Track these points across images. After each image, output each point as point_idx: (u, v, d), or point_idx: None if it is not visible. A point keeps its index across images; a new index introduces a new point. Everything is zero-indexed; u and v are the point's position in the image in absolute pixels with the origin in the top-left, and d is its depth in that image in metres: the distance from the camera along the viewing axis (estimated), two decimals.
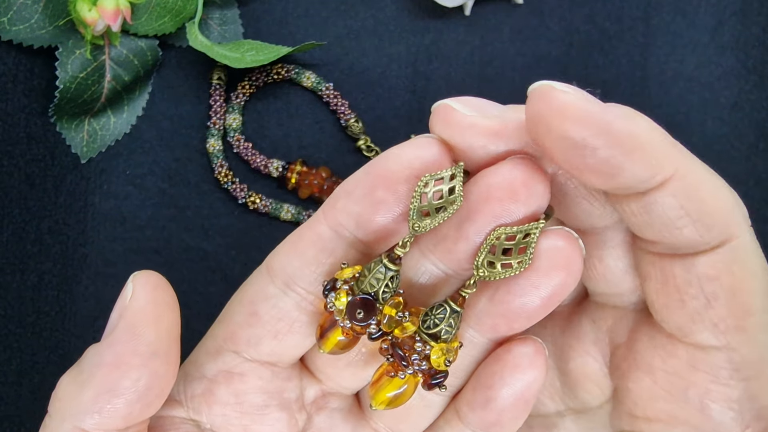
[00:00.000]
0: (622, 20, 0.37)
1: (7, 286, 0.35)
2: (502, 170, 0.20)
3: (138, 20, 0.35)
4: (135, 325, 0.21)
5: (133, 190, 0.36)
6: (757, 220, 0.37)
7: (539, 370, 0.21)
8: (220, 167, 0.36)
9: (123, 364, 0.20)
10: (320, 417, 0.23)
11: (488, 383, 0.21)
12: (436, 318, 0.20)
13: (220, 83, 0.36)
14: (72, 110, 0.35)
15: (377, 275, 0.20)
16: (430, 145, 0.20)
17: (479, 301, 0.21)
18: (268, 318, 0.22)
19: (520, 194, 0.19)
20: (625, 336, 0.22)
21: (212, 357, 0.23)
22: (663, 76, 0.37)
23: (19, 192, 0.35)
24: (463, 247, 0.20)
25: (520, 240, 0.19)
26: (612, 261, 0.22)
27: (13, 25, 0.34)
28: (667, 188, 0.19)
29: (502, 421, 0.21)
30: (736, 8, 0.37)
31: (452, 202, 0.19)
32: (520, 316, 0.20)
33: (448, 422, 0.23)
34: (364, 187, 0.20)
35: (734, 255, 0.20)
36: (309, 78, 0.36)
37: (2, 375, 0.35)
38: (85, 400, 0.20)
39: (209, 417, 0.22)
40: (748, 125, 0.37)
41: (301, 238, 0.21)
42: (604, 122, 0.18)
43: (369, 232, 0.20)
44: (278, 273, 0.22)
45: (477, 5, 0.37)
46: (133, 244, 0.35)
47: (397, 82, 0.37)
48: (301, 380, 0.23)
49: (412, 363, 0.20)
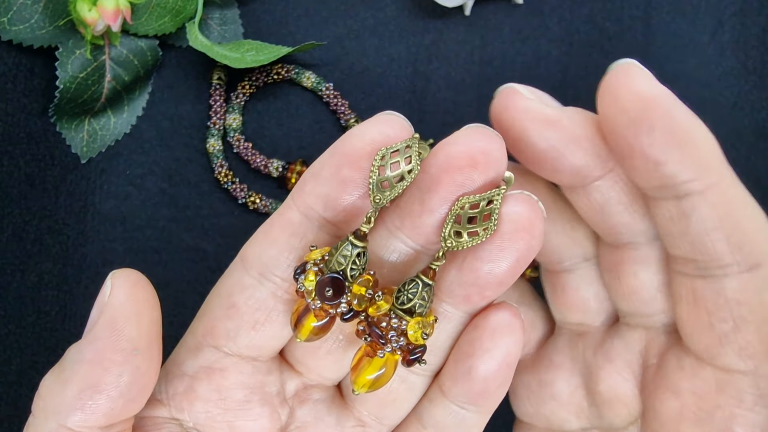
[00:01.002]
0: (622, 20, 0.37)
1: (7, 286, 0.35)
2: (459, 139, 0.20)
3: (138, 20, 0.35)
4: (115, 321, 0.21)
5: (133, 190, 0.36)
6: None
7: (517, 335, 0.21)
8: (220, 167, 0.36)
9: (104, 360, 0.20)
10: (303, 410, 0.23)
11: (469, 352, 0.21)
12: (408, 293, 0.20)
13: (220, 83, 0.36)
14: (72, 110, 0.35)
15: (344, 253, 0.20)
16: (393, 121, 0.20)
17: (449, 273, 0.21)
18: (245, 309, 0.22)
19: (479, 162, 0.20)
20: (656, 357, 0.22)
21: (192, 354, 0.23)
22: (663, 76, 0.37)
23: (19, 192, 0.35)
24: (428, 220, 0.20)
25: (484, 207, 0.20)
26: (647, 277, 0.22)
27: (13, 25, 0.34)
28: (707, 197, 0.19)
29: (488, 389, 0.21)
30: (736, 8, 0.37)
31: (409, 171, 0.20)
32: (490, 283, 0.20)
33: (432, 401, 0.23)
34: (330, 168, 0.20)
35: (764, 282, 0.20)
36: (309, 78, 0.36)
37: (2, 375, 0.35)
38: (67, 397, 0.20)
39: (192, 415, 0.22)
40: (748, 125, 0.37)
41: (272, 226, 0.22)
42: (669, 108, 0.19)
43: (338, 212, 0.21)
44: (253, 263, 0.22)
45: (477, 5, 0.37)
46: (133, 244, 0.35)
47: (397, 82, 0.37)
48: (281, 374, 0.23)
49: (390, 340, 0.20)
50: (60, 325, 0.35)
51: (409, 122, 0.21)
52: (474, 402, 0.22)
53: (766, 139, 0.37)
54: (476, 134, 0.20)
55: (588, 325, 0.24)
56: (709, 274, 0.20)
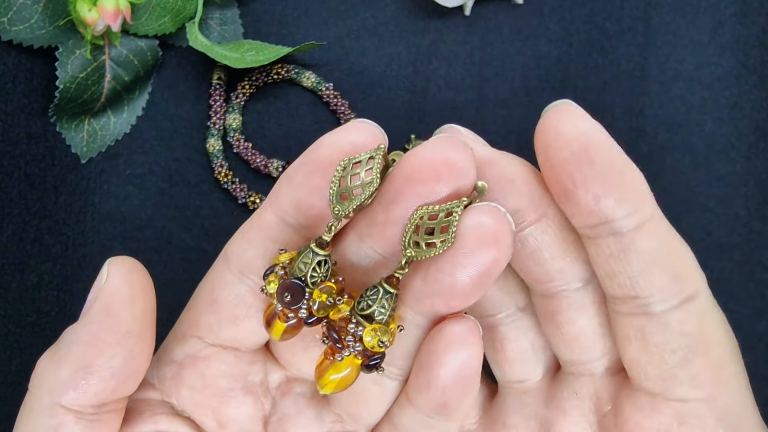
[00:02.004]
0: (622, 20, 0.37)
1: (7, 286, 0.35)
2: (424, 151, 0.20)
3: (138, 20, 0.35)
4: (110, 305, 0.21)
5: (133, 190, 0.36)
6: (757, 219, 0.37)
7: (474, 347, 0.21)
8: (220, 167, 0.36)
9: (98, 342, 0.21)
10: (285, 402, 0.24)
11: (426, 365, 0.21)
12: (369, 299, 0.20)
13: (220, 83, 0.36)
14: (72, 110, 0.35)
15: (304, 260, 0.20)
16: (363, 130, 0.20)
17: (415, 282, 0.21)
18: (226, 304, 0.22)
19: (442, 174, 0.19)
20: (609, 403, 0.23)
21: (179, 342, 0.23)
22: (663, 76, 0.37)
23: (19, 192, 0.35)
24: (392, 230, 0.20)
25: (442, 219, 0.19)
26: (585, 322, 0.22)
27: (13, 25, 0.34)
28: (644, 231, 0.20)
29: (448, 402, 0.21)
30: (736, 8, 0.37)
31: (369, 184, 0.20)
32: (454, 295, 0.20)
33: (401, 408, 0.23)
34: (301, 175, 0.21)
35: (703, 311, 0.20)
36: (309, 78, 0.36)
37: (2, 375, 0.35)
38: (62, 377, 0.21)
39: (179, 399, 0.23)
40: (748, 125, 0.37)
41: (251, 226, 0.22)
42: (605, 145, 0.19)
43: (309, 217, 0.21)
44: (233, 261, 0.22)
45: (477, 5, 0.37)
46: (133, 244, 0.35)
47: (397, 82, 0.37)
48: (265, 365, 0.24)
49: (347, 345, 0.20)
50: (60, 325, 0.35)
51: (381, 130, 0.21)
52: (436, 412, 0.22)
53: (766, 139, 0.37)
54: (442, 145, 0.20)
55: (531, 380, 0.24)
56: (652, 310, 0.20)
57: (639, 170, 0.20)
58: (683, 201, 0.37)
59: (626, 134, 0.37)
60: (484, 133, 0.37)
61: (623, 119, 0.37)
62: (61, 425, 0.21)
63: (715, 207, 0.37)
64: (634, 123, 0.37)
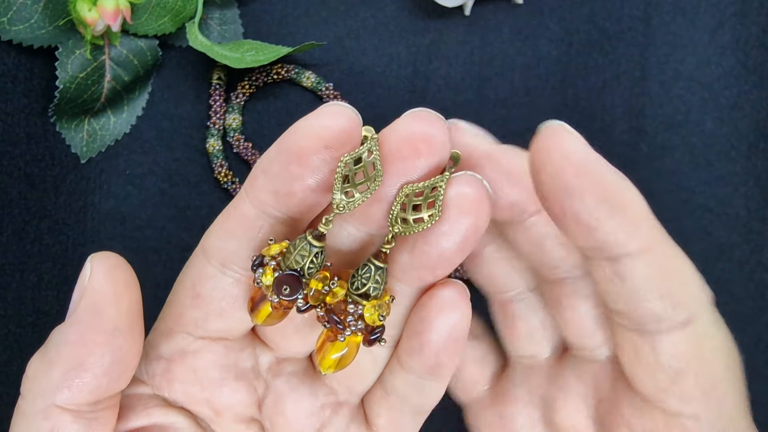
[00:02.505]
0: (622, 20, 0.37)
1: (7, 286, 0.35)
2: (399, 129, 0.20)
3: (138, 20, 0.35)
4: (95, 304, 0.21)
5: (133, 190, 0.36)
6: (757, 219, 0.37)
7: (462, 310, 0.22)
8: (220, 167, 0.36)
9: (87, 341, 0.21)
10: (278, 382, 0.24)
11: (419, 329, 0.22)
12: (362, 278, 0.21)
13: (220, 83, 0.36)
14: (72, 110, 0.35)
15: (302, 252, 0.21)
16: (338, 114, 0.20)
17: (402, 255, 0.21)
18: (210, 299, 0.22)
19: (421, 150, 0.20)
20: (607, 390, 0.23)
21: (166, 338, 0.23)
22: (663, 76, 0.37)
23: (19, 192, 0.35)
24: (376, 209, 0.21)
25: (428, 194, 0.20)
26: (585, 310, 0.23)
27: (13, 25, 0.34)
28: (641, 258, 0.20)
29: (440, 362, 0.22)
30: (736, 8, 0.37)
31: (373, 179, 0.20)
32: (440, 263, 0.21)
33: (393, 372, 0.24)
34: (278, 165, 0.20)
35: (699, 335, 0.20)
36: (309, 78, 0.36)
37: (2, 375, 0.35)
38: (54, 377, 0.21)
39: (171, 393, 0.23)
40: (748, 125, 0.37)
41: (228, 218, 0.22)
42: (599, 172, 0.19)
43: (290, 206, 0.21)
44: (213, 254, 0.22)
45: (477, 5, 0.37)
46: (133, 244, 0.35)
47: (397, 82, 0.37)
48: (254, 349, 0.24)
49: (348, 325, 0.21)
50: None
51: (355, 111, 0.21)
52: (429, 373, 0.23)
53: (766, 139, 0.37)
54: (417, 120, 0.20)
55: (538, 357, 0.25)
56: (646, 330, 0.20)
57: (637, 193, 0.20)
58: (683, 201, 0.37)
59: (626, 134, 0.37)
60: None
61: (623, 119, 0.37)
62: (57, 426, 0.21)
63: (715, 207, 0.37)
64: (634, 123, 0.37)
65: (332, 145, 0.20)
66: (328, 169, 0.20)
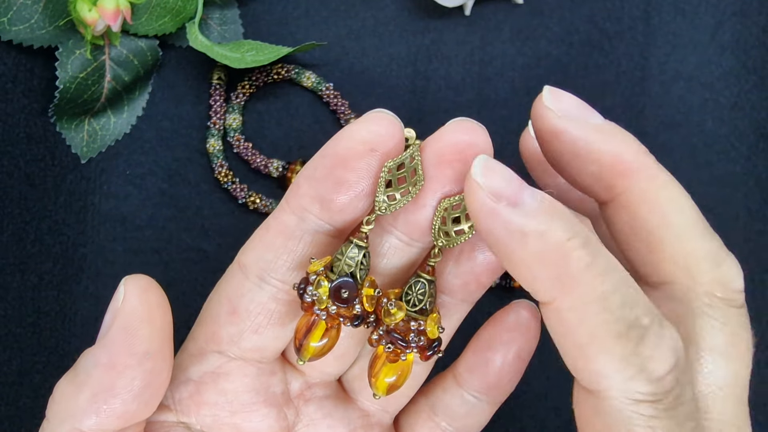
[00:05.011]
0: (622, 20, 0.37)
1: (7, 286, 0.35)
2: (445, 135, 0.20)
3: (138, 20, 0.35)
4: (128, 326, 0.21)
5: (133, 190, 0.36)
6: (757, 219, 0.37)
7: (534, 332, 0.22)
8: (220, 167, 0.36)
9: (118, 364, 0.20)
10: (310, 408, 0.24)
11: (487, 345, 0.23)
12: (418, 294, 0.21)
13: (220, 83, 0.36)
14: (72, 110, 0.35)
15: (350, 255, 0.21)
16: (383, 119, 0.21)
17: (447, 265, 0.22)
18: (247, 314, 0.22)
19: (467, 155, 0.20)
20: None
21: (196, 359, 0.23)
22: (663, 76, 0.37)
23: (19, 192, 0.35)
24: (421, 216, 0.21)
25: (465, 207, 0.20)
26: None
27: (13, 25, 0.34)
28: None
29: (501, 381, 0.23)
30: (736, 8, 0.37)
31: (414, 184, 0.20)
32: (486, 270, 0.22)
33: (446, 390, 0.24)
34: (323, 169, 0.21)
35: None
36: (309, 78, 0.36)
37: (2, 375, 0.35)
38: (81, 401, 0.20)
39: (199, 418, 0.23)
40: (748, 125, 0.37)
41: (269, 230, 0.22)
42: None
43: (334, 213, 0.21)
44: (251, 267, 0.22)
45: (477, 5, 0.37)
46: (133, 244, 0.35)
47: (397, 82, 0.37)
48: (285, 374, 0.24)
49: (411, 343, 0.21)
50: (60, 325, 0.35)
51: (398, 119, 0.21)
52: (487, 392, 0.23)
53: (766, 139, 0.37)
54: (462, 128, 0.20)
55: None
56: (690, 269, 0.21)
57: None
58: None
59: None
60: None
61: (623, 119, 0.37)
62: None
63: (715, 207, 0.37)
64: (634, 123, 0.37)
65: (377, 148, 0.20)
66: (372, 174, 0.20)
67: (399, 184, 0.20)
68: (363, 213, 0.21)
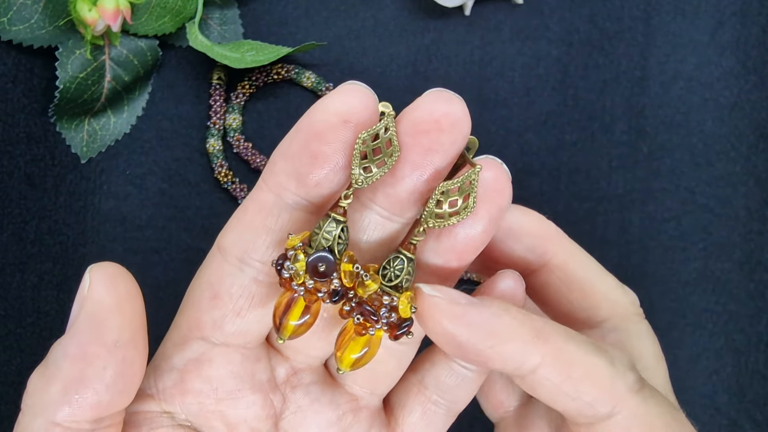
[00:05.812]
0: (622, 20, 0.37)
1: (7, 286, 0.35)
2: (421, 105, 0.20)
3: (138, 20, 0.35)
4: (95, 315, 0.20)
5: (133, 190, 0.36)
6: (757, 219, 0.37)
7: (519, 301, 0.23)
8: (220, 167, 0.36)
9: (87, 354, 0.20)
10: (297, 394, 0.24)
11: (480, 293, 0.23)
12: (395, 270, 0.21)
13: (220, 83, 0.36)
14: (72, 110, 0.35)
15: (328, 229, 0.21)
16: (356, 91, 0.20)
17: (427, 242, 0.22)
18: (228, 297, 0.22)
19: (443, 125, 0.20)
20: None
21: (179, 347, 0.23)
22: (663, 76, 0.37)
23: (19, 192, 0.35)
24: (401, 188, 0.21)
25: (463, 188, 0.20)
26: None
27: (13, 25, 0.34)
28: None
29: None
30: (736, 8, 0.37)
31: (390, 155, 0.20)
32: (467, 246, 0.22)
33: (435, 363, 0.24)
34: (297, 144, 0.20)
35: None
36: (309, 78, 0.36)
37: (2, 375, 0.35)
38: (53, 393, 0.20)
39: (183, 407, 0.23)
40: (748, 125, 0.37)
41: (246, 211, 0.22)
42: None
43: (310, 188, 0.21)
44: (230, 250, 0.22)
45: (477, 5, 0.37)
46: (133, 244, 0.35)
47: (397, 82, 0.37)
48: (270, 361, 0.23)
49: (381, 317, 0.21)
50: (60, 325, 0.35)
51: (371, 91, 0.21)
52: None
53: (766, 139, 0.37)
54: (439, 98, 0.21)
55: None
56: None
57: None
58: (683, 201, 0.37)
59: (626, 134, 0.37)
60: (484, 133, 0.37)
61: (623, 119, 0.37)
62: None
63: (715, 207, 0.37)
64: (634, 123, 0.37)
65: (351, 120, 0.20)
66: (347, 146, 0.20)
67: (374, 155, 0.20)
68: (340, 187, 0.21)
